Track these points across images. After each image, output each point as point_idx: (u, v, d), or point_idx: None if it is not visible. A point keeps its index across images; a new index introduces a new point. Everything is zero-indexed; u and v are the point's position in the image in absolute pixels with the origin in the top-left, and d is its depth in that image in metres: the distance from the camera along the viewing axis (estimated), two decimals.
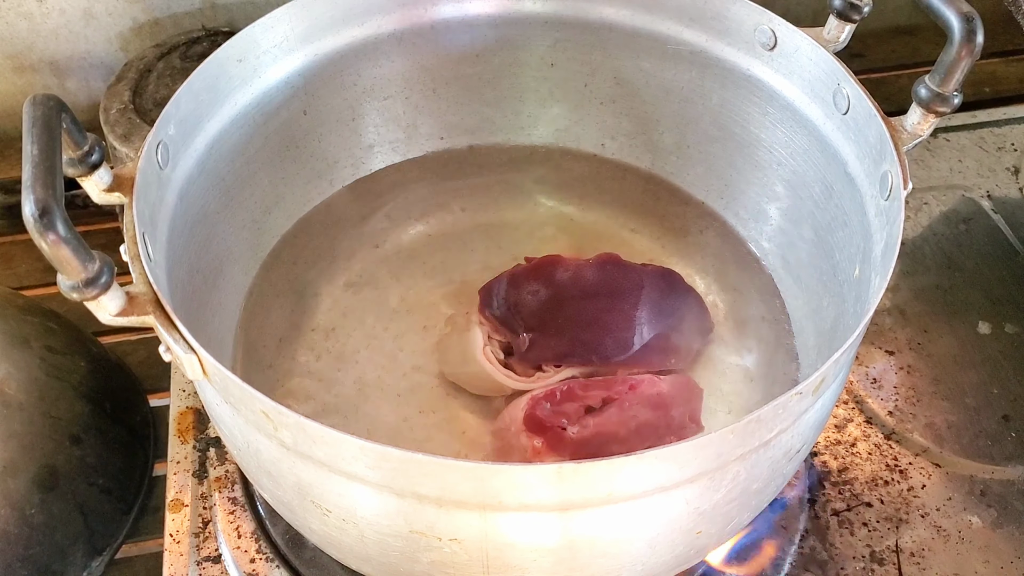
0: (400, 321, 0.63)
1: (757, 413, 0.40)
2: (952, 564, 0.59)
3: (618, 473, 0.39)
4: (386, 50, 0.65)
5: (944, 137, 0.83)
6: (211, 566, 0.57)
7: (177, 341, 0.42)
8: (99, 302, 0.40)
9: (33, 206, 0.37)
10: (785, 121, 0.60)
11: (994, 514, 0.61)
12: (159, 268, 0.48)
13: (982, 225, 0.77)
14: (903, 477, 0.62)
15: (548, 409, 0.53)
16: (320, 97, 0.64)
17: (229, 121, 0.58)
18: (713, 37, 0.62)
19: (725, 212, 0.68)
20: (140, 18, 0.80)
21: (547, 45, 0.67)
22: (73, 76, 0.82)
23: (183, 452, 0.62)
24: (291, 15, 0.59)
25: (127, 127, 0.71)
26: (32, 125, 0.40)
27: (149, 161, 0.49)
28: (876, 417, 0.65)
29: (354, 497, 0.42)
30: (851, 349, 0.44)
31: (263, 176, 0.63)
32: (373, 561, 0.47)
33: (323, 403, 0.59)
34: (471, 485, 0.39)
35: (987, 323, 0.70)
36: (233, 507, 0.59)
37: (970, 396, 0.66)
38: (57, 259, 0.38)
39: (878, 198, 0.51)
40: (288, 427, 0.40)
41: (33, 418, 0.59)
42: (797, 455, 0.48)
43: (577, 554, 0.43)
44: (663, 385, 0.56)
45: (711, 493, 0.43)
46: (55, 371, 0.62)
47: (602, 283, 0.61)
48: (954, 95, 0.50)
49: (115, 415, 0.64)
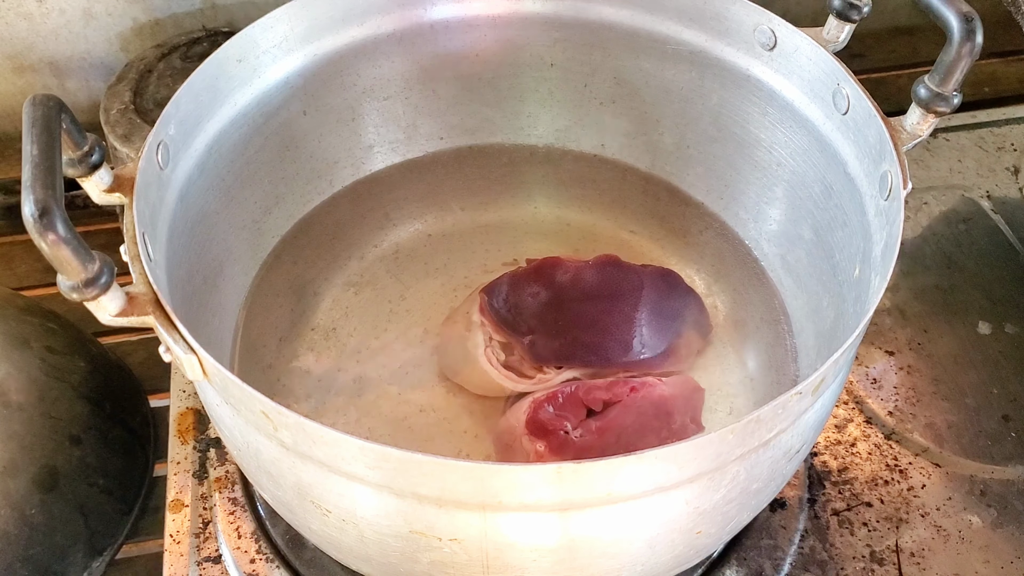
0: (400, 321, 0.63)
1: (757, 413, 0.40)
2: (952, 564, 0.59)
3: (618, 473, 0.39)
4: (386, 50, 0.65)
5: (944, 137, 0.83)
6: (211, 566, 0.57)
7: (177, 341, 0.42)
8: (99, 302, 0.40)
9: (33, 206, 0.37)
10: (785, 121, 0.60)
11: (994, 514, 0.61)
12: (159, 268, 0.48)
13: (982, 225, 0.77)
14: (903, 477, 0.62)
15: (550, 412, 0.53)
16: (320, 97, 0.64)
17: (229, 121, 0.58)
18: (713, 37, 0.62)
19: (725, 213, 0.68)
20: (140, 18, 0.80)
21: (547, 45, 0.67)
22: (73, 76, 0.82)
23: (183, 452, 0.62)
24: (291, 15, 0.59)
25: (127, 127, 0.71)
26: (32, 125, 0.40)
27: (149, 161, 0.49)
28: (876, 417, 0.65)
29: (354, 497, 0.42)
30: (851, 349, 0.44)
31: (263, 176, 0.63)
32: (373, 561, 0.47)
33: (323, 403, 0.59)
34: (471, 485, 0.39)
35: (987, 323, 0.70)
36: (233, 507, 0.59)
37: (970, 396, 0.66)
38: (57, 259, 0.38)
39: (878, 198, 0.51)
40: (288, 427, 0.40)
41: (33, 419, 0.59)
42: (797, 455, 0.48)
43: (577, 554, 0.43)
44: (664, 387, 0.56)
45: (711, 493, 0.43)
46: (55, 372, 0.62)
47: (602, 285, 0.61)
48: (954, 95, 0.50)
49: (115, 416, 0.64)
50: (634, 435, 0.53)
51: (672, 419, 0.55)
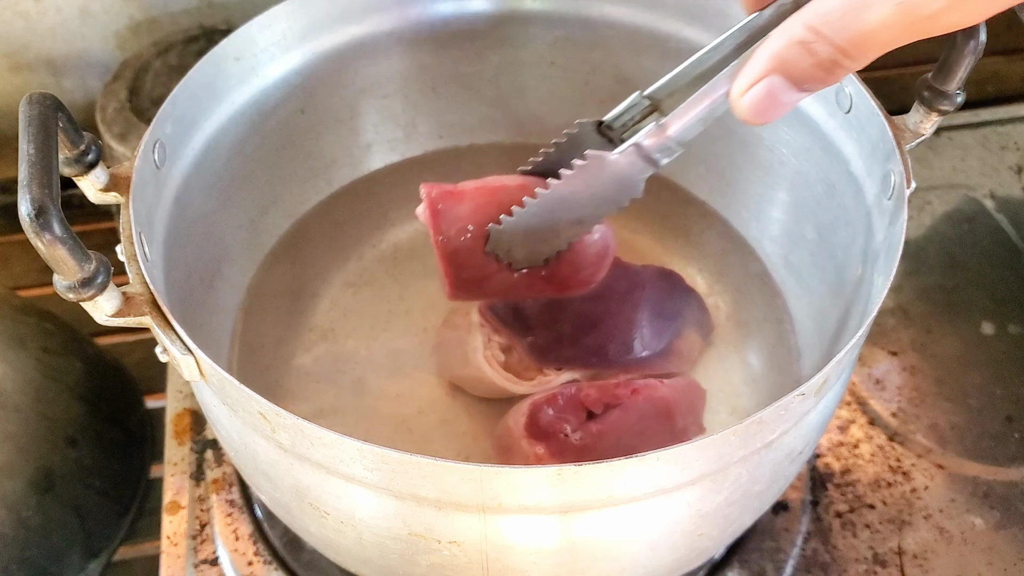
0: (399, 321, 0.63)
1: (759, 414, 0.39)
2: (955, 566, 0.58)
3: (619, 475, 0.39)
4: (384, 48, 0.65)
5: (947, 136, 0.83)
6: (208, 569, 0.57)
7: (174, 342, 0.42)
8: (95, 302, 0.40)
9: (29, 206, 0.36)
10: (787, 120, 0.60)
11: (997, 516, 0.61)
12: (156, 268, 0.47)
13: (985, 225, 0.76)
14: (906, 479, 0.62)
15: (550, 415, 0.53)
16: (318, 96, 0.64)
17: (226, 120, 0.57)
18: (714, 35, 0.61)
19: (727, 212, 0.67)
20: (137, 16, 0.80)
21: (547, 43, 0.67)
22: (70, 75, 0.82)
23: (180, 454, 0.62)
24: (289, 13, 0.59)
25: (124, 126, 0.71)
26: (28, 124, 0.40)
27: (146, 160, 0.49)
28: (879, 418, 0.65)
29: (352, 499, 0.42)
30: (854, 350, 0.44)
31: (261, 175, 0.62)
32: (372, 564, 0.46)
33: (321, 404, 0.59)
34: (471, 487, 0.39)
35: (991, 324, 0.70)
36: (231, 509, 0.59)
37: (973, 397, 0.66)
38: (53, 259, 0.38)
39: (881, 197, 0.51)
40: (286, 428, 0.40)
41: (29, 419, 0.59)
42: (799, 457, 0.47)
43: (578, 557, 0.43)
44: (665, 389, 0.55)
45: (713, 495, 0.43)
46: (51, 372, 0.61)
47: (603, 285, 0.61)
48: (957, 93, 0.49)
49: (111, 416, 0.64)
50: (635, 437, 0.53)
51: (674, 421, 0.54)
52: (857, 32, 0.32)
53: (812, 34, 0.33)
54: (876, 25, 0.32)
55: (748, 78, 0.35)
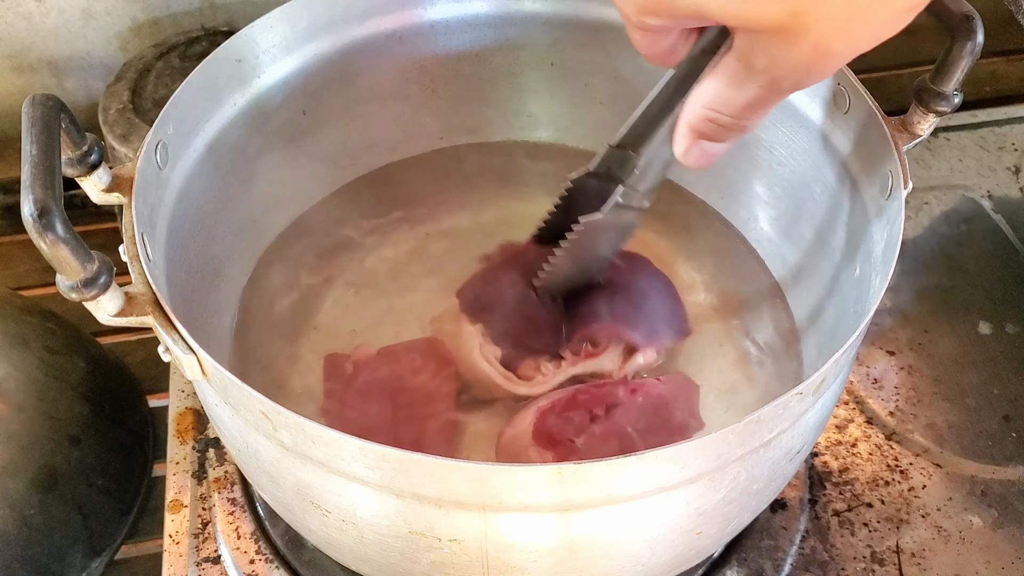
0: (399, 321, 0.63)
1: (758, 413, 0.40)
2: (953, 565, 0.58)
3: (618, 474, 0.39)
4: (386, 50, 0.65)
5: (944, 137, 0.83)
6: (210, 567, 0.57)
7: (176, 341, 0.42)
8: (98, 302, 0.40)
9: (32, 206, 0.37)
10: (785, 121, 0.60)
11: (995, 514, 0.61)
12: (158, 268, 0.48)
13: (983, 225, 0.77)
14: (904, 477, 0.62)
15: (556, 422, 0.53)
16: (319, 97, 0.64)
17: (228, 121, 0.58)
18: None
19: (726, 211, 0.68)
20: (139, 18, 0.80)
21: (547, 45, 0.67)
22: (72, 76, 0.82)
23: (182, 453, 0.62)
24: (290, 14, 0.59)
25: (126, 127, 0.71)
26: (31, 125, 0.40)
27: (148, 161, 0.49)
28: (877, 417, 0.65)
29: (354, 498, 0.42)
30: (852, 349, 0.44)
31: (262, 176, 0.63)
32: (373, 562, 0.47)
33: (323, 403, 0.59)
34: (471, 486, 0.39)
35: (988, 323, 0.70)
36: (232, 508, 0.59)
37: (971, 396, 0.66)
38: (56, 259, 0.38)
39: (878, 198, 0.51)
40: (287, 427, 0.40)
41: (32, 418, 0.59)
42: (797, 455, 0.48)
43: (577, 555, 0.43)
44: (662, 387, 0.56)
45: (711, 493, 0.43)
46: (54, 371, 0.61)
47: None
48: (954, 94, 0.49)
49: (114, 416, 0.64)
50: (637, 435, 0.53)
51: (672, 416, 0.55)
52: (744, 104, 0.39)
53: (712, 112, 0.40)
54: (753, 100, 0.38)
55: (681, 145, 0.43)
